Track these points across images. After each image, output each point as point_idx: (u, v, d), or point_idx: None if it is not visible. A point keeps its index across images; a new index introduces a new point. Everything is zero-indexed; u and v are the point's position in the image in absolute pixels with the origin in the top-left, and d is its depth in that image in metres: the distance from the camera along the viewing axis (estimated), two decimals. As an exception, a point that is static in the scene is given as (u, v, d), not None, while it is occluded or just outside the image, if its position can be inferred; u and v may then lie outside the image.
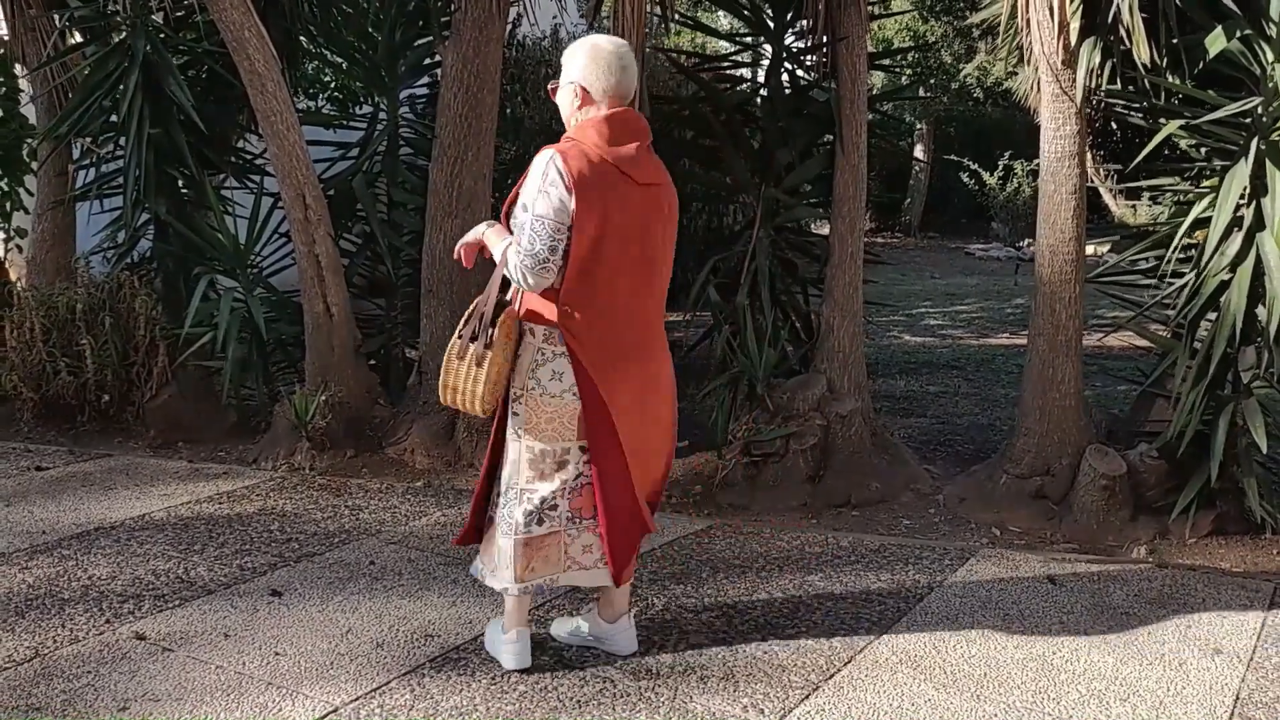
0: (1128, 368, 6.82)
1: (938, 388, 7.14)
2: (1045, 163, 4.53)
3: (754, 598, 3.75)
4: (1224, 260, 4.28)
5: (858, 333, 5.17)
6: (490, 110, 5.49)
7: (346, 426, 5.50)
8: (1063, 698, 3.08)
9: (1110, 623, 3.57)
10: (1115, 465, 4.45)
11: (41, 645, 3.35)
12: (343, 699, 3.04)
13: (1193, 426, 4.36)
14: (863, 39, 5.07)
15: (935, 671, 3.23)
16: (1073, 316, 4.60)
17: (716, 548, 4.24)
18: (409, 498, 4.82)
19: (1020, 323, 9.82)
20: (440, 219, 5.50)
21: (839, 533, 4.46)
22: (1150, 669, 3.26)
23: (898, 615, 3.61)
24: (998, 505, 4.69)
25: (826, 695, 3.09)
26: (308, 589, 3.79)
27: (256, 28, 5.19)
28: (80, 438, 5.74)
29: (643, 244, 3.03)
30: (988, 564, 4.09)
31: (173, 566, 3.99)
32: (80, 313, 5.74)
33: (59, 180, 6.22)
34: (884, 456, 5.09)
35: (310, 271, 5.50)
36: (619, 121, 3.01)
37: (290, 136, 5.37)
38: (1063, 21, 4.25)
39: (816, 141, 5.52)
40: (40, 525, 4.41)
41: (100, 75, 5.77)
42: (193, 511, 4.60)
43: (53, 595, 3.73)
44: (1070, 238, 4.51)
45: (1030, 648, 3.39)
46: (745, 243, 5.50)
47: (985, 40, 15.33)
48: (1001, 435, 5.84)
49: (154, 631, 3.45)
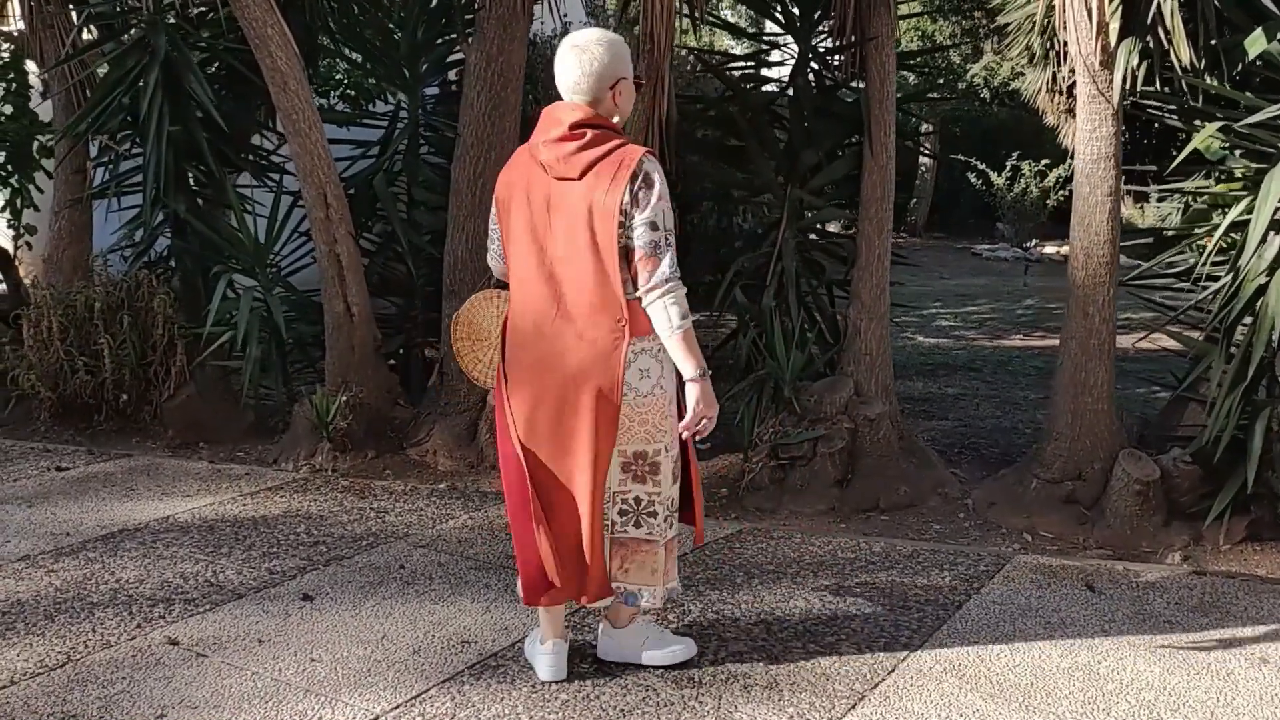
0: (1146, 369, 6.80)
1: (956, 390, 7.10)
2: (1081, 164, 4.49)
3: (791, 604, 3.70)
4: (1262, 263, 4.24)
5: (885, 335, 5.13)
6: (514, 109, 5.45)
7: (367, 427, 5.46)
8: (1112, 708, 3.04)
9: (1153, 631, 3.53)
10: (1149, 470, 4.42)
11: (73, 650, 3.31)
12: (383, 707, 3.00)
13: (1229, 431, 4.32)
14: (891, 39, 5.03)
15: (981, 681, 3.19)
16: (1106, 320, 4.56)
17: (749, 552, 4.19)
18: (434, 500, 4.77)
19: (1032, 324, 9.79)
20: (462, 219, 5.46)
21: (870, 537, 4.42)
22: (1198, 679, 3.22)
23: (938, 623, 3.57)
24: (1028, 510, 4.65)
25: (873, 705, 3.04)
26: (339, 593, 3.75)
27: (279, 25, 5.15)
28: (98, 437, 5.70)
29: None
30: (1023, 571, 4.05)
31: (201, 569, 3.95)
32: (98, 311, 5.69)
33: (76, 178, 6.17)
34: (911, 460, 5.05)
35: (331, 271, 5.46)
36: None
37: (312, 135, 5.33)
38: (1101, 23, 4.21)
39: (843, 143, 5.48)
40: (64, 527, 4.37)
41: (120, 72, 5.72)
42: (217, 513, 4.55)
43: (81, 599, 3.69)
44: (1105, 240, 4.48)
45: (1075, 656, 3.34)
46: (771, 244, 5.45)
47: (991, 40, 15.34)
48: (1024, 438, 5.81)
49: (186, 636, 3.41)
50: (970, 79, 15.93)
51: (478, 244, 5.41)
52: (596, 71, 2.90)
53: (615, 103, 2.96)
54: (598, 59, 2.90)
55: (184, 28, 5.82)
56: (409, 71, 6.06)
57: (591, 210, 2.86)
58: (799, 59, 5.55)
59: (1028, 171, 15.20)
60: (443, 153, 6.20)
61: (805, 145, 5.42)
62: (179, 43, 5.69)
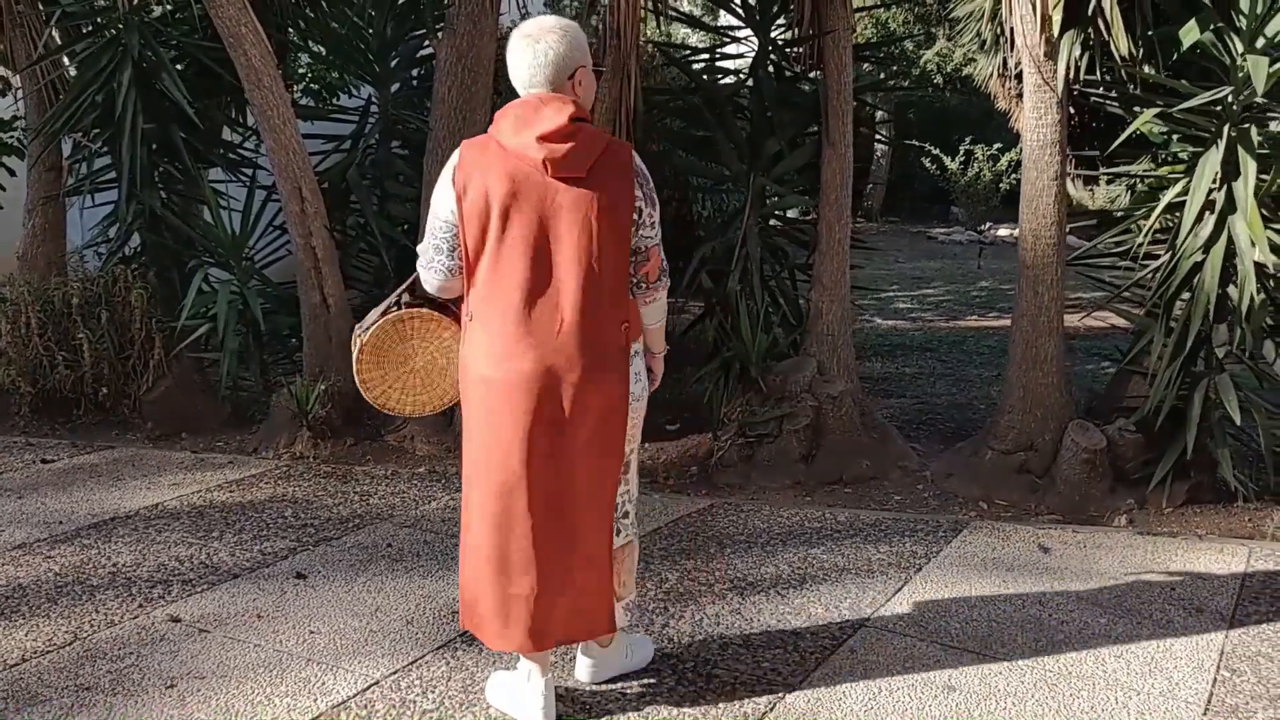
0: (1094, 345, 7.09)
1: (913, 369, 7.35)
2: (1028, 150, 4.73)
3: (762, 571, 3.92)
4: (1198, 242, 4.50)
5: (846, 317, 5.36)
6: (484, 102, 5.60)
7: (345, 415, 5.60)
8: (1062, 654, 3.28)
9: (1100, 586, 3.78)
10: (1096, 439, 4.67)
11: (79, 629, 3.45)
12: (382, 672, 3.18)
13: (1169, 401, 4.59)
14: (849, 32, 5.24)
15: (941, 634, 3.42)
16: (1054, 299, 4.80)
17: (720, 524, 4.40)
18: (415, 483, 4.94)
19: (986, 305, 10.08)
20: (435, 210, 5.60)
21: (835, 509, 4.64)
22: (1140, 627, 3.47)
23: (901, 583, 3.80)
24: (984, 480, 4.89)
25: (841, 658, 3.26)
26: (330, 571, 3.91)
27: (253, 23, 5.27)
28: (78, 430, 5.80)
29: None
30: (980, 535, 4.29)
31: (194, 552, 4.09)
32: (76, 307, 5.79)
33: (49, 175, 6.24)
34: (872, 436, 5.28)
35: (307, 263, 5.59)
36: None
37: (286, 130, 5.45)
38: (1045, 15, 4.44)
39: (803, 132, 5.69)
40: (55, 516, 4.49)
41: (93, 71, 5.81)
42: (205, 500, 4.69)
43: (80, 582, 3.82)
44: (1051, 222, 4.72)
45: (1027, 610, 3.58)
46: (735, 230, 5.65)
47: (943, 27, 15.63)
48: (979, 414, 6.06)
49: (187, 614, 3.56)
50: (923, 65, 16.21)
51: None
52: (554, 61, 2.70)
53: (576, 93, 2.75)
54: (554, 49, 2.69)
55: (155, 26, 5.91)
56: (379, 66, 6.19)
57: (604, 209, 2.69)
58: (759, 51, 5.74)
59: (980, 156, 15.52)
60: (411, 146, 6.34)
61: (767, 135, 5.62)
62: (151, 41, 5.79)
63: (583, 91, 2.78)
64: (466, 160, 2.74)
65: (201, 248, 6.09)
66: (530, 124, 2.68)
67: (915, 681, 3.13)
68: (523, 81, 2.74)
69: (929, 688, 3.10)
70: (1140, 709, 3.00)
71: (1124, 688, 3.11)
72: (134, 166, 5.83)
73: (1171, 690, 3.10)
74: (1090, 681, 3.14)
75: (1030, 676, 3.16)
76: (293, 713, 2.96)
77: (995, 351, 7.62)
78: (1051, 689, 3.09)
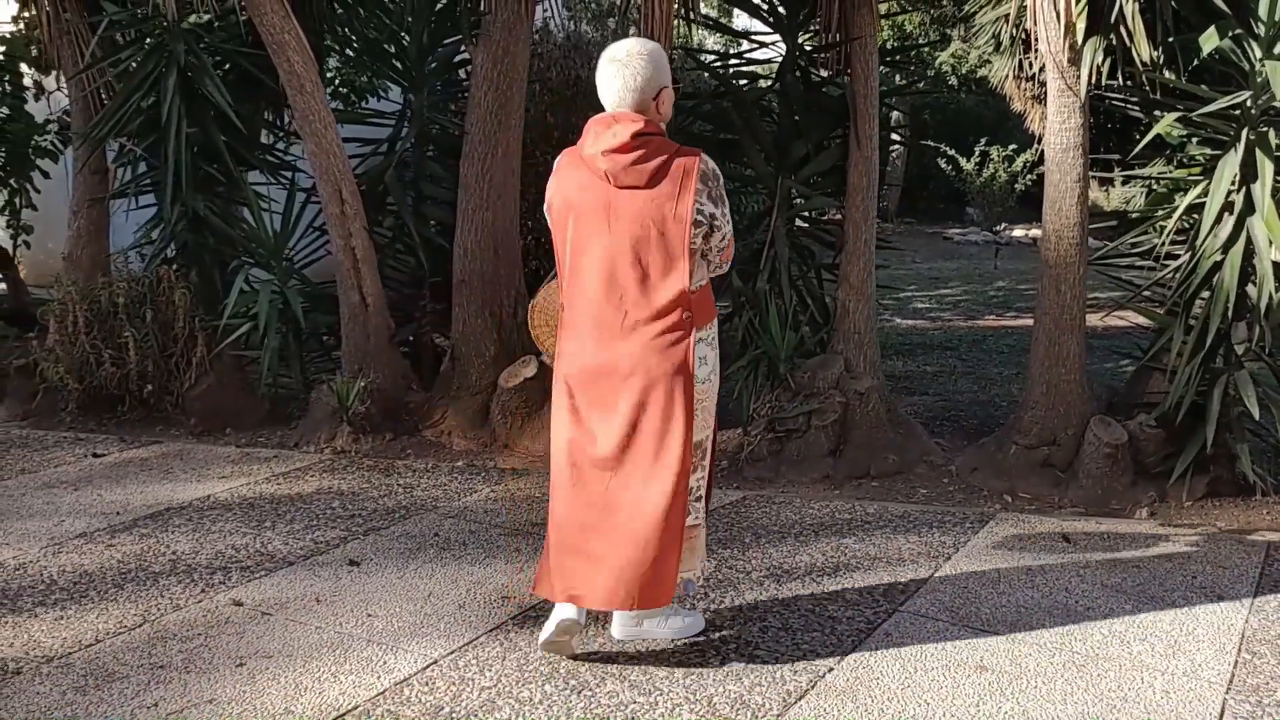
0: (1114, 344, 7.20)
1: (934, 367, 7.49)
2: (1051, 154, 4.87)
3: (797, 559, 4.06)
4: (1217, 242, 4.63)
5: (871, 315, 5.50)
6: (518, 107, 5.77)
7: (383, 411, 5.77)
8: (1089, 638, 3.42)
9: (1123, 574, 3.92)
10: (1117, 434, 4.80)
11: (148, 612, 3.62)
12: (440, 652, 3.34)
13: (1189, 397, 4.72)
14: (874, 38, 5.38)
15: (971, 619, 3.56)
16: (1076, 297, 4.94)
17: (754, 516, 4.55)
18: (455, 476, 5.10)
19: (1004, 305, 10.21)
20: (471, 212, 5.77)
21: (863, 501, 4.79)
22: (1163, 613, 3.61)
23: (931, 571, 3.94)
24: (1008, 474, 5.03)
25: (877, 640, 3.41)
26: (382, 559, 4.08)
27: (295, 31, 5.44)
28: (124, 426, 5.98)
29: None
30: (1005, 526, 4.43)
31: (249, 541, 4.26)
32: (122, 306, 5.97)
33: (95, 179, 6.43)
34: (898, 431, 5.42)
35: (347, 263, 5.76)
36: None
37: (328, 134, 5.63)
38: (1069, 23, 4.58)
39: (830, 135, 5.82)
40: (113, 507, 4.66)
41: (139, 77, 5.98)
42: (254, 492, 4.86)
43: (143, 569, 3.99)
44: (1074, 223, 4.85)
45: (1054, 597, 3.73)
46: (763, 231, 5.80)
47: (957, 29, 15.74)
48: (1001, 410, 6.19)
49: (249, 599, 3.73)
50: (939, 66, 16.33)
51: (486, 235, 5.73)
52: (640, 86, 3.01)
53: (659, 110, 3.06)
54: (640, 73, 3.00)
55: (198, 33, 6.09)
56: (416, 72, 6.35)
57: (665, 216, 2.98)
58: (786, 56, 5.89)
59: (996, 156, 15.63)
60: (446, 149, 6.50)
61: (794, 138, 5.77)
62: (195, 48, 5.96)
63: (664, 108, 3.10)
64: (559, 169, 3.14)
65: (242, 249, 6.27)
66: (601, 139, 3.02)
67: (948, 662, 3.28)
68: (611, 103, 3.06)
69: (962, 668, 3.25)
70: (1165, 688, 3.14)
71: (1149, 668, 3.25)
72: (178, 170, 6.01)
73: (1195, 671, 3.24)
74: (1116, 663, 3.28)
75: (1059, 658, 3.31)
76: (359, 689, 3.12)
77: (1015, 350, 7.75)
78: (1080, 670, 3.24)
